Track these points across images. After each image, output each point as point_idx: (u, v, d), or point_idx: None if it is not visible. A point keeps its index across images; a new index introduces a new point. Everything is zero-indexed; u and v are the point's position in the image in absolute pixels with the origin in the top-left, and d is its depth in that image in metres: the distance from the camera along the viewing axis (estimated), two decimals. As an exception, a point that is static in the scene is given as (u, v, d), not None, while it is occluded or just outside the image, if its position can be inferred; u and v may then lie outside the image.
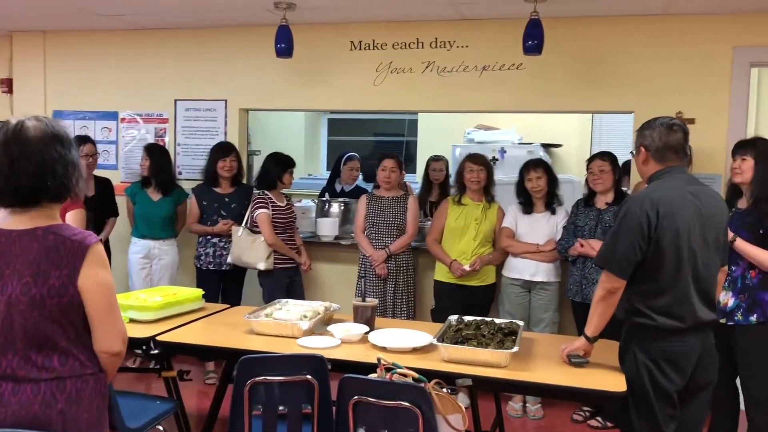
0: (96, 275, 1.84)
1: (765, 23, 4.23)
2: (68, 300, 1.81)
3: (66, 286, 1.80)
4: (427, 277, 4.81)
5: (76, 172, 1.89)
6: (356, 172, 5.66)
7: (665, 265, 2.52)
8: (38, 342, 1.81)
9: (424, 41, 4.83)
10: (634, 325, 2.61)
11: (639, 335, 2.60)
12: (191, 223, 4.75)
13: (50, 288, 1.80)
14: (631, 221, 2.52)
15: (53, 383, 1.82)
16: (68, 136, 1.92)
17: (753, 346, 3.22)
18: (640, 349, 2.59)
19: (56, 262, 1.81)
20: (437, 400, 2.32)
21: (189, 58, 5.28)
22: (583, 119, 7.08)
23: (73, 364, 1.85)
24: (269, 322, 3.05)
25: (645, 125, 2.69)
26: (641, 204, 2.52)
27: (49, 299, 1.80)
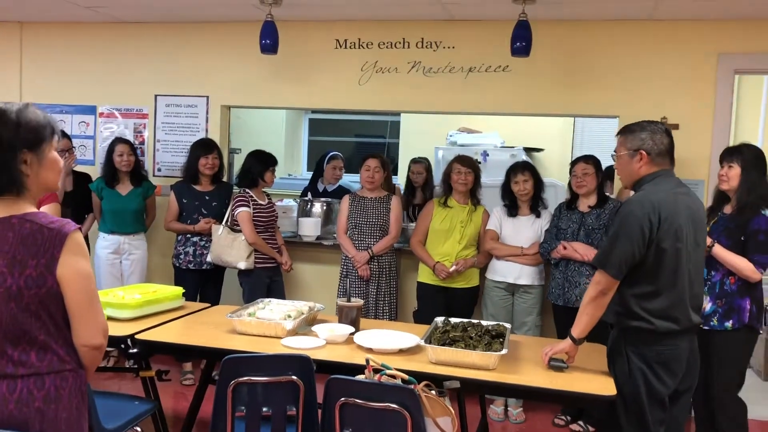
0: (75, 265, 1.76)
1: (749, 30, 4.27)
2: (46, 291, 1.73)
3: (44, 277, 1.72)
4: (409, 278, 4.77)
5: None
6: (339, 172, 5.60)
7: (664, 267, 2.53)
8: (15, 336, 1.73)
9: (411, 41, 4.79)
10: (627, 328, 2.59)
11: (633, 339, 2.58)
12: (170, 221, 4.65)
13: (27, 278, 1.71)
14: (633, 224, 2.51)
15: (30, 380, 1.74)
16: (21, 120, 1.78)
17: (725, 351, 3.23)
18: (634, 353, 2.57)
19: (33, 251, 1.72)
20: (426, 402, 2.27)
21: (170, 53, 5.18)
22: (564, 123, 7.10)
23: (51, 359, 1.76)
24: (252, 322, 2.98)
25: (636, 129, 2.67)
26: (643, 207, 2.52)
27: (26, 290, 1.71)
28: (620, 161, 2.70)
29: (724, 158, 3.38)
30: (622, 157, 2.68)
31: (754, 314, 3.18)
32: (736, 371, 3.23)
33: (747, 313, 3.17)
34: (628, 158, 2.66)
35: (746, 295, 3.18)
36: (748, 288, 3.19)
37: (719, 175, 3.36)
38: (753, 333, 3.21)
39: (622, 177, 2.75)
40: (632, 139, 2.66)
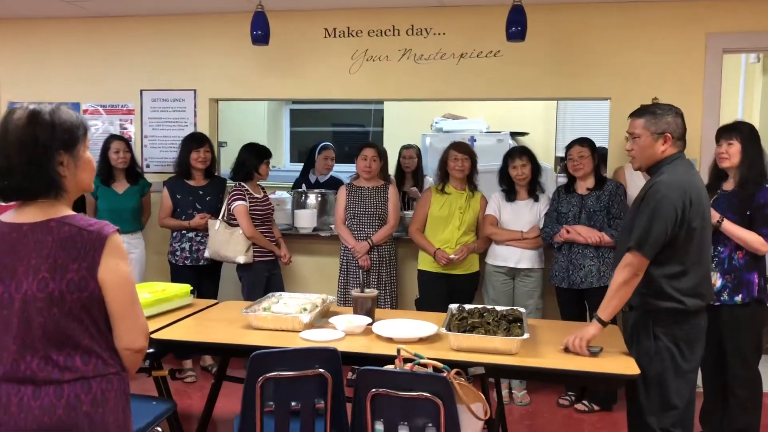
0: (116, 267, 1.73)
1: (736, 10, 4.33)
2: (88, 295, 1.70)
3: (86, 280, 1.69)
4: (408, 267, 4.77)
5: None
6: (331, 162, 5.57)
7: (693, 246, 2.59)
8: (59, 341, 1.69)
9: (401, 28, 4.77)
10: (657, 309, 2.62)
11: (663, 319, 2.63)
12: (164, 218, 4.59)
13: (69, 283, 1.68)
14: (668, 207, 2.54)
15: (77, 384, 1.70)
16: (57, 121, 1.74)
17: (737, 325, 3.31)
18: (663, 333, 2.62)
19: (73, 255, 1.69)
20: (459, 389, 2.28)
21: (155, 47, 5.09)
22: (548, 107, 7.15)
23: (96, 363, 1.73)
24: (269, 317, 2.95)
25: (659, 111, 2.70)
26: (676, 190, 2.56)
27: (68, 295, 1.68)
28: (641, 143, 2.70)
29: (722, 136, 3.42)
30: (644, 139, 2.68)
31: (763, 287, 3.25)
32: (751, 344, 3.30)
33: (756, 286, 3.24)
34: (651, 141, 2.67)
35: (754, 269, 3.26)
36: (756, 262, 3.26)
37: (719, 153, 3.40)
38: (762, 306, 3.28)
39: (640, 158, 2.74)
40: (657, 122, 2.67)
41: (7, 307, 1.69)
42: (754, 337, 3.33)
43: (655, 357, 2.62)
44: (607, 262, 3.98)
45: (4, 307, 1.69)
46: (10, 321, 1.69)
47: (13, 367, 1.69)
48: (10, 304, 1.69)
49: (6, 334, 1.70)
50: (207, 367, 4.72)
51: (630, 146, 2.77)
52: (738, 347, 3.32)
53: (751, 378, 3.34)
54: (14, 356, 1.69)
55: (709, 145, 4.46)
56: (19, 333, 1.69)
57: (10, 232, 1.71)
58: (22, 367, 1.69)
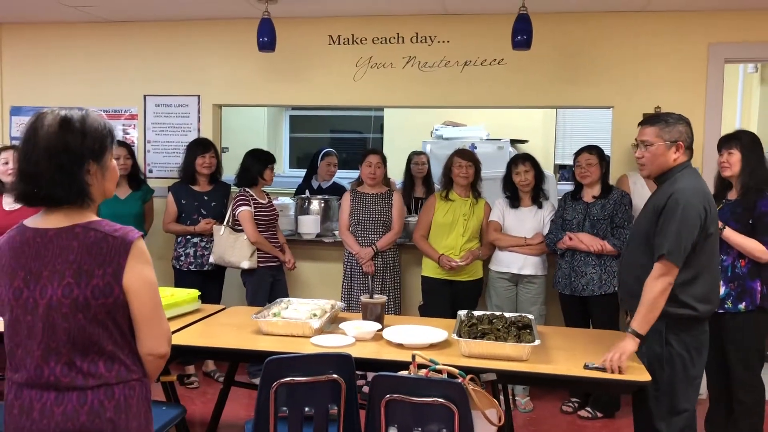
0: (141, 273, 1.73)
1: (738, 20, 4.38)
2: (113, 300, 1.70)
3: (111, 286, 1.69)
4: (411, 273, 4.79)
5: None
6: (333, 168, 5.58)
7: (706, 251, 2.62)
8: (83, 347, 1.69)
9: (405, 36, 4.80)
10: (670, 316, 2.63)
11: (675, 326, 2.64)
12: (169, 223, 4.59)
13: (94, 288, 1.68)
14: (693, 215, 2.57)
15: (101, 390, 1.70)
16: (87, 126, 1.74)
17: (741, 333, 3.33)
18: (675, 340, 2.64)
19: (99, 260, 1.69)
20: (474, 395, 2.29)
21: (159, 52, 5.09)
22: (547, 115, 7.20)
23: (119, 369, 1.73)
24: (279, 322, 2.96)
25: (671, 120, 2.71)
26: (696, 197, 2.59)
27: (93, 300, 1.68)
28: (653, 150, 2.70)
29: (723, 145, 3.46)
30: (657, 147, 2.69)
31: (766, 295, 3.28)
32: (755, 351, 3.33)
33: (759, 294, 3.27)
34: (664, 149, 2.68)
35: (757, 277, 3.28)
36: (759, 270, 3.29)
37: (720, 163, 3.43)
38: (765, 314, 3.31)
39: (651, 166, 2.74)
40: (670, 130, 2.69)
41: (32, 312, 1.69)
42: (758, 344, 3.36)
43: (667, 364, 2.64)
44: (608, 271, 4.01)
45: (28, 312, 1.69)
46: (34, 326, 1.69)
47: (36, 373, 1.69)
48: (35, 309, 1.69)
49: (30, 340, 1.70)
50: (209, 373, 4.71)
51: (640, 153, 2.76)
52: (741, 354, 3.35)
53: (754, 384, 3.37)
54: (38, 362, 1.69)
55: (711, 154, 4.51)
56: (44, 338, 1.69)
57: (34, 237, 1.72)
58: (46, 372, 1.69)
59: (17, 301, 1.70)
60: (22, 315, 1.70)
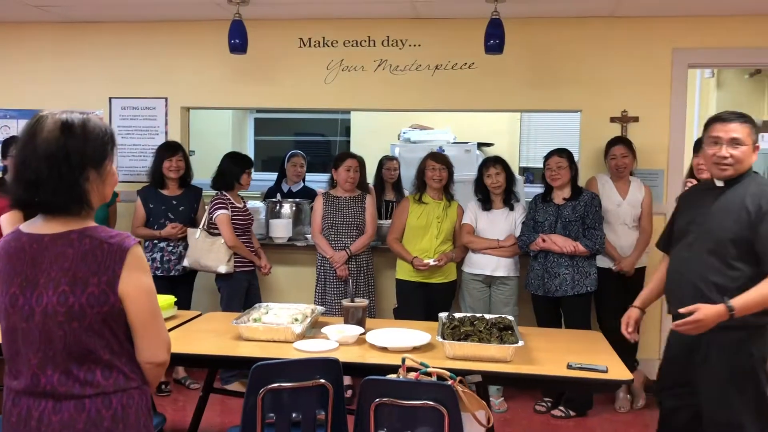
0: (137, 280, 1.69)
1: (701, 26, 4.52)
2: (109, 309, 1.66)
3: (106, 294, 1.65)
4: (385, 276, 4.79)
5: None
6: (301, 169, 5.55)
7: None
8: (79, 355, 1.65)
9: (376, 39, 4.81)
10: (757, 326, 2.59)
11: (760, 336, 2.61)
12: (137, 227, 4.50)
13: (89, 296, 1.64)
14: None
15: (98, 400, 1.66)
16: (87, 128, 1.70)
17: None
18: (758, 350, 2.60)
19: (94, 268, 1.64)
20: (464, 397, 2.31)
21: (126, 54, 5.00)
22: (512, 119, 7.28)
23: (117, 378, 1.69)
24: (261, 327, 2.93)
25: (754, 122, 2.64)
26: None
27: (88, 309, 1.64)
28: (745, 150, 2.59)
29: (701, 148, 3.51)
30: (748, 147, 2.60)
31: None
32: None
33: None
34: (750, 150, 2.60)
35: None
36: None
37: (698, 165, 3.50)
38: None
39: (737, 167, 2.60)
40: (756, 132, 2.62)
41: (28, 320, 1.65)
42: None
43: (753, 373, 2.60)
44: (581, 271, 4.08)
45: (24, 320, 1.65)
46: (30, 334, 1.65)
47: (33, 381, 1.65)
48: (31, 317, 1.65)
49: (27, 347, 1.66)
50: (180, 380, 4.63)
51: (727, 152, 2.59)
52: None
53: None
54: (35, 370, 1.65)
55: (676, 157, 4.64)
56: (41, 346, 1.65)
57: (30, 243, 1.67)
58: (43, 381, 1.65)
59: (13, 308, 1.66)
60: (19, 322, 1.66)
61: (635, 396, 4.45)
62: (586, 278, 4.10)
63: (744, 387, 2.59)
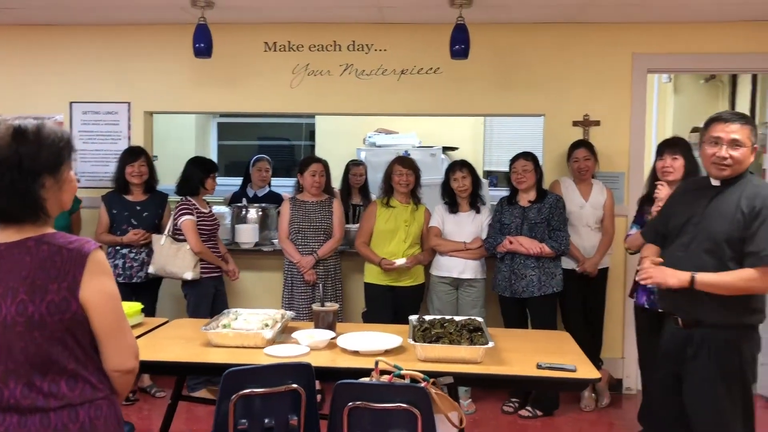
0: (99, 285, 1.66)
1: (660, 33, 4.63)
2: (71, 316, 1.62)
3: (67, 301, 1.61)
4: (352, 280, 4.79)
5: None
6: (266, 174, 5.52)
7: None
8: (43, 366, 1.61)
9: (342, 44, 4.81)
10: (745, 325, 2.63)
11: (749, 335, 2.65)
12: (101, 233, 4.42)
13: (49, 305, 1.60)
14: None
15: (64, 412, 1.62)
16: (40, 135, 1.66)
17: None
18: (747, 349, 2.63)
19: (53, 274, 1.61)
20: (437, 399, 2.32)
21: (87, 58, 4.91)
22: (476, 123, 7.35)
23: (83, 389, 1.66)
24: (230, 334, 2.90)
25: (755, 124, 2.67)
26: None
27: (49, 317, 1.60)
28: (745, 152, 2.61)
29: (666, 150, 3.56)
30: (747, 149, 2.61)
31: None
32: None
33: None
34: (749, 152, 2.62)
35: None
36: None
37: (663, 167, 3.55)
38: None
39: (736, 168, 2.62)
40: (756, 134, 2.64)
41: None
42: None
43: (741, 372, 2.62)
44: (547, 272, 4.14)
45: None
46: None
47: None
48: None
49: None
50: (146, 388, 4.56)
51: (726, 153, 2.60)
52: None
53: None
54: None
55: (637, 160, 4.75)
56: (2, 359, 1.60)
57: None
58: (6, 394, 1.60)
59: None
60: None
61: (600, 395, 4.53)
62: (552, 279, 4.17)
63: (732, 386, 2.63)
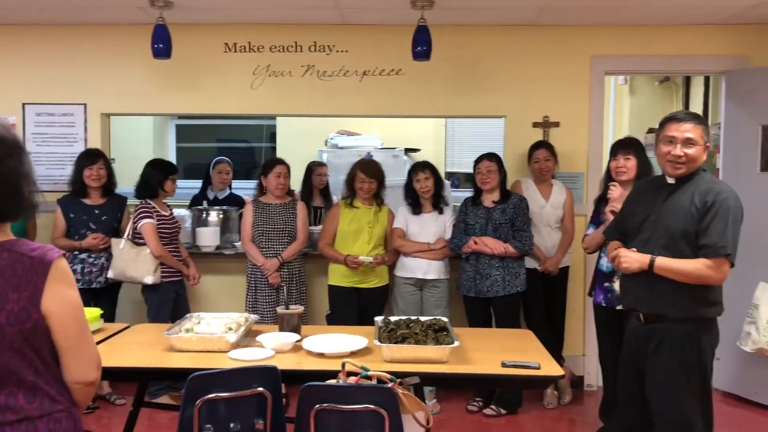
0: (62, 295, 1.61)
1: (617, 35, 4.72)
2: (32, 326, 1.57)
3: (27, 311, 1.56)
4: (317, 282, 4.77)
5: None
6: (227, 176, 5.46)
7: None
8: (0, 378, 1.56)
9: (303, 45, 4.79)
10: (704, 318, 2.68)
11: (708, 329, 2.70)
12: (57, 238, 4.31)
13: (9, 314, 1.55)
14: (739, 212, 2.62)
15: (21, 426, 1.57)
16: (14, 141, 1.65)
17: None
18: (706, 341, 2.68)
19: (14, 283, 1.56)
20: (404, 399, 2.32)
21: (41, 58, 4.80)
22: (437, 124, 7.40)
23: (42, 401, 1.60)
24: (193, 338, 2.85)
25: (706, 121, 2.75)
26: (737, 196, 2.64)
27: (8, 327, 1.55)
28: (698, 150, 2.69)
29: (619, 151, 3.64)
30: (701, 147, 2.69)
31: None
32: None
33: None
34: (702, 150, 2.69)
35: None
36: None
37: (617, 167, 3.63)
38: None
39: (690, 166, 2.70)
40: (708, 132, 2.71)
41: None
42: None
43: (699, 365, 2.67)
44: (511, 272, 4.18)
45: None
46: None
47: None
48: None
49: None
50: (105, 396, 4.46)
51: (681, 151, 2.68)
52: None
53: None
54: None
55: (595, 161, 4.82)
56: None
57: None
58: None
59: None
60: None
61: (562, 392, 4.59)
62: (516, 278, 4.21)
63: (692, 378, 2.69)
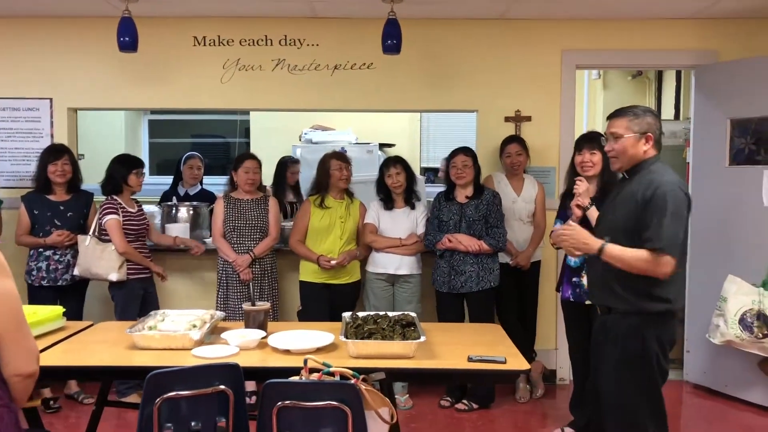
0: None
1: (588, 29, 4.73)
2: None
3: None
4: (288, 279, 4.73)
5: None
6: (198, 171, 5.39)
7: (684, 247, 2.63)
8: None
9: (273, 38, 4.74)
10: (649, 313, 2.65)
11: (654, 323, 2.66)
12: (21, 235, 4.24)
13: None
14: (683, 205, 2.57)
15: None
16: None
17: None
18: (653, 337, 2.65)
19: None
20: (367, 395, 2.30)
21: (4, 52, 4.72)
22: (412, 119, 7.38)
23: None
24: (156, 335, 2.80)
25: (640, 112, 2.69)
26: (681, 188, 2.59)
27: None
28: (624, 142, 2.67)
29: (585, 145, 3.64)
30: (627, 139, 2.67)
31: None
32: None
33: None
34: (634, 140, 2.66)
35: None
36: None
37: (582, 162, 3.62)
38: None
39: (622, 159, 2.70)
40: (639, 122, 2.66)
41: None
42: None
43: (647, 361, 2.66)
44: (485, 268, 4.18)
45: None
46: None
47: None
48: None
49: None
50: (73, 395, 4.39)
51: (610, 147, 2.73)
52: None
53: None
54: None
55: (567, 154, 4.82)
56: None
57: None
58: None
59: None
60: None
61: (534, 386, 4.60)
62: (489, 274, 4.20)
63: (635, 373, 2.69)
